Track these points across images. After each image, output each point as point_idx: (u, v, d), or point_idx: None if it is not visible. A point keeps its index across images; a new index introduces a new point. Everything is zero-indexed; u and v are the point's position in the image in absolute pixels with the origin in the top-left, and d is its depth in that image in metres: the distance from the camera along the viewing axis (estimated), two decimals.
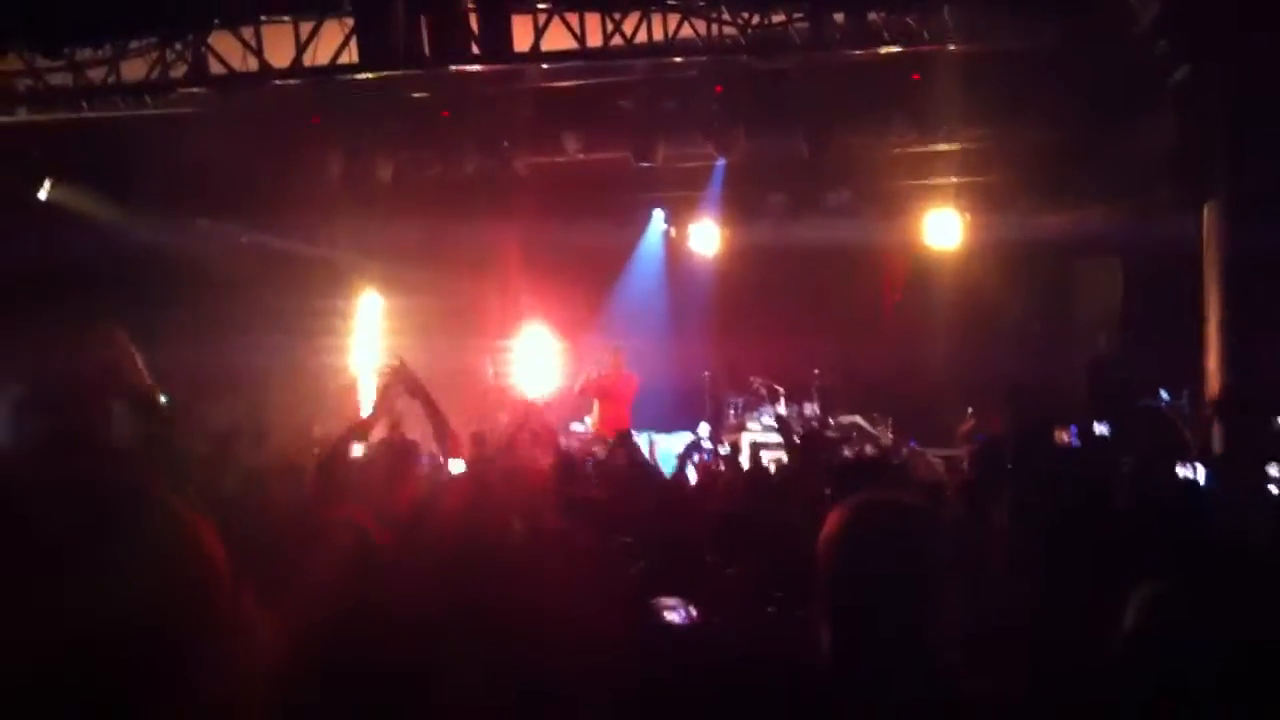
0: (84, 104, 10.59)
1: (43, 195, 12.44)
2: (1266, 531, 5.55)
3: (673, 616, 2.96)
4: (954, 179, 13.12)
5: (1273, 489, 7.19)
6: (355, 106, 11.75)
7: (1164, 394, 11.07)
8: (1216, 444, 7.90)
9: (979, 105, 10.96)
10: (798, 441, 7.71)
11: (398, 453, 5.42)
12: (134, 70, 10.12)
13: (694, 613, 2.98)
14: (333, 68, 9.63)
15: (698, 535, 4.08)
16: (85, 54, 10.05)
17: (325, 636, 2.53)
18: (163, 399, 10.81)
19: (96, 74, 10.15)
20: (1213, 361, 9.58)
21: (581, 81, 11.16)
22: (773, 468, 10.00)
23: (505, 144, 12.28)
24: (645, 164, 12.23)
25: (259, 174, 12.64)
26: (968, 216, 13.52)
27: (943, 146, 12.22)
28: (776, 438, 13.03)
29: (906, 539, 2.46)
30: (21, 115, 10.82)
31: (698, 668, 2.57)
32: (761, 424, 13.72)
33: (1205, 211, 9.79)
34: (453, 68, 9.75)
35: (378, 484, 5.01)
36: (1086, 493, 4.43)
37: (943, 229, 13.62)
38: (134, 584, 1.11)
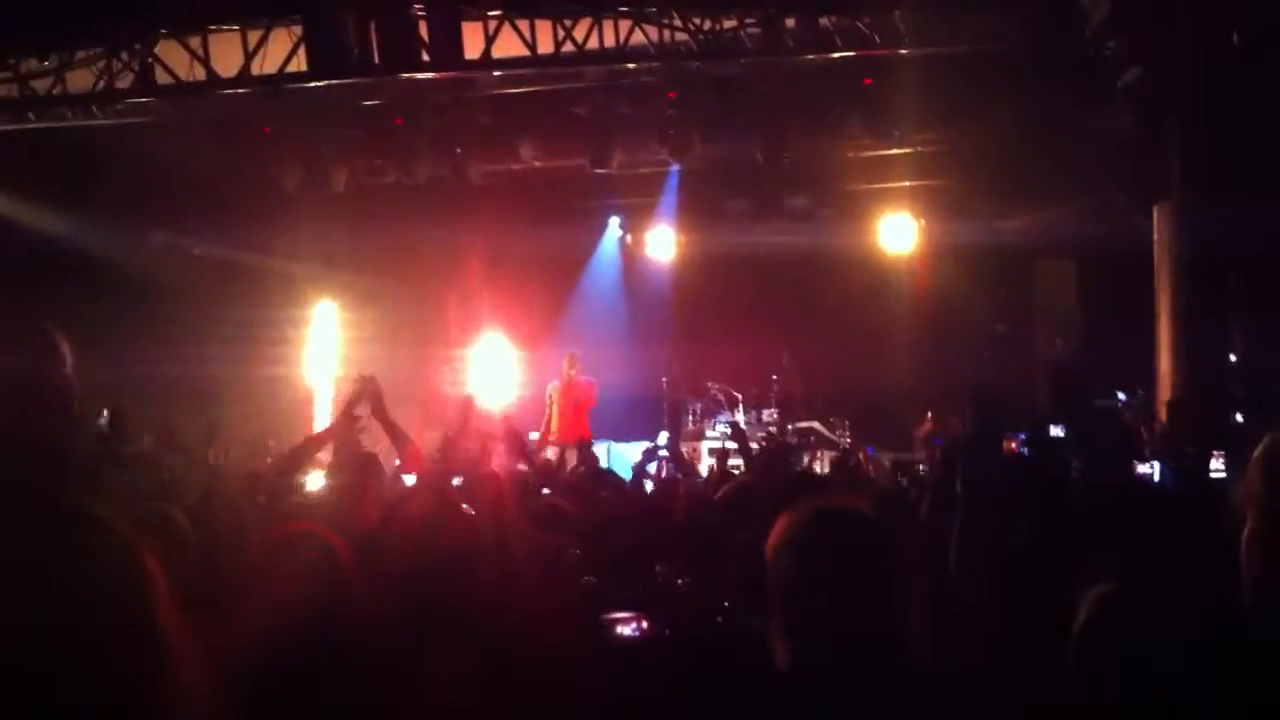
0: (30, 115, 10.44)
1: None
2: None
3: (625, 630, 2.93)
4: (909, 183, 13.17)
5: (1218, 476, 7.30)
6: (307, 115, 11.64)
7: (1120, 394, 11.16)
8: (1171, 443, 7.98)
9: (933, 109, 11.01)
10: (752, 450, 7.70)
11: (360, 466, 5.35)
12: (81, 81, 9.99)
13: (645, 626, 2.95)
14: (281, 76, 9.53)
15: (651, 546, 4.05)
16: (31, 64, 9.90)
17: (289, 648, 2.48)
18: (104, 412, 10.68)
19: (42, 85, 10.01)
20: (1165, 360, 9.66)
21: (535, 88, 11.10)
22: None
23: (459, 151, 12.23)
24: (601, 170, 12.22)
25: (211, 184, 12.53)
26: (923, 221, 13.58)
27: (898, 150, 12.25)
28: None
29: (853, 544, 2.44)
30: None
31: (652, 681, 2.55)
32: (720, 431, 13.70)
33: (1156, 211, 9.87)
34: (403, 75, 9.68)
35: (339, 497, 4.95)
36: (1039, 497, 4.44)
37: (899, 233, 13.67)
38: (68, 605, 1.07)
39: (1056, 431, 9.57)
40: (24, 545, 1.10)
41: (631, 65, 10.40)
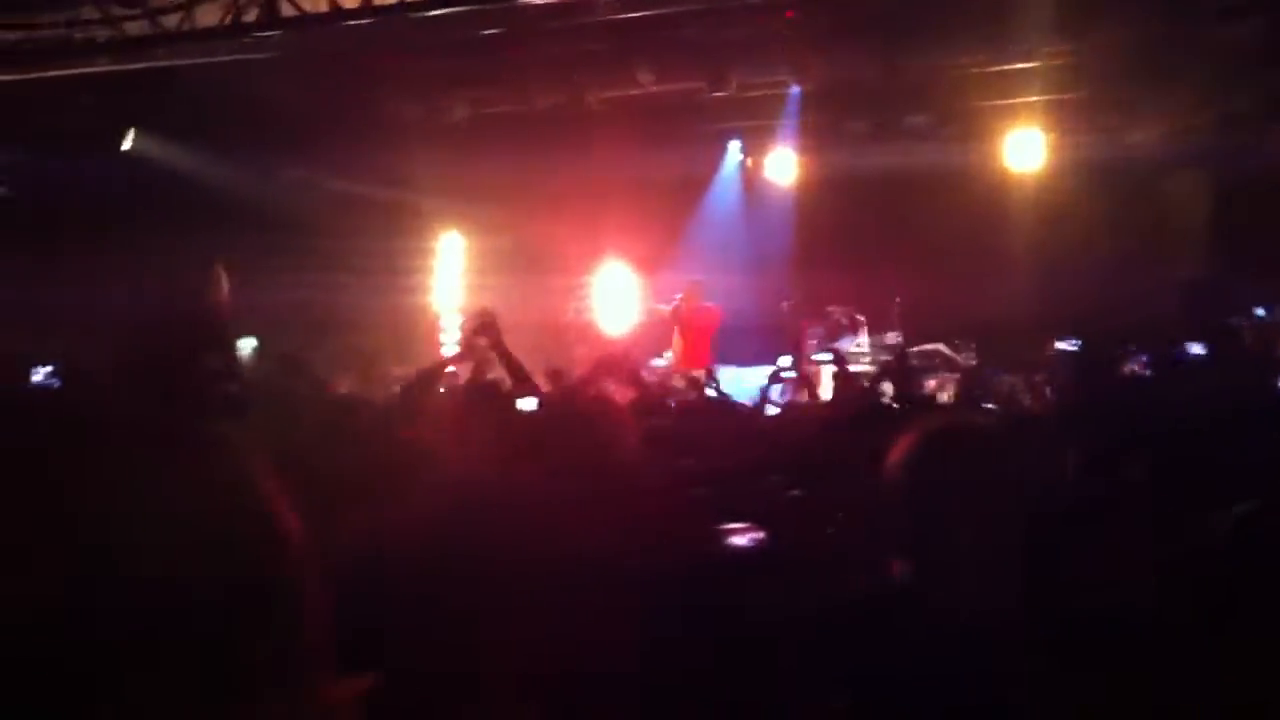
0: (161, 52, 10.70)
1: (127, 145, 12.66)
2: None
3: (739, 541, 2.98)
4: (1035, 98, 12.79)
5: None
6: (427, 45, 11.74)
7: (1259, 310, 10.79)
8: None
9: (1060, 18, 10.66)
10: (853, 375, 7.67)
11: (479, 391, 5.47)
12: (209, 16, 10.20)
13: (760, 536, 3.00)
14: (401, 5, 9.62)
15: (765, 461, 4.07)
16: (160, 1, 10.13)
17: (412, 556, 2.56)
18: (251, 341, 11.05)
19: (171, 20, 10.24)
20: None
21: (651, 11, 11.01)
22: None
23: (576, 78, 12.22)
24: (719, 93, 12.10)
25: (335, 118, 12.75)
26: (1051, 135, 13.19)
27: (1023, 64, 11.89)
28: (864, 363, 13.00)
29: (972, 461, 2.44)
30: (101, 65, 10.97)
31: (766, 590, 2.59)
32: (844, 353, 13.61)
33: None
34: (520, 1, 9.69)
35: (461, 420, 5.06)
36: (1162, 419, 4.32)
37: (1024, 150, 13.31)
38: (187, 528, 1.12)
39: (1194, 349, 9.31)
40: (152, 464, 1.13)
41: None
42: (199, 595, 1.08)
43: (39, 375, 10.97)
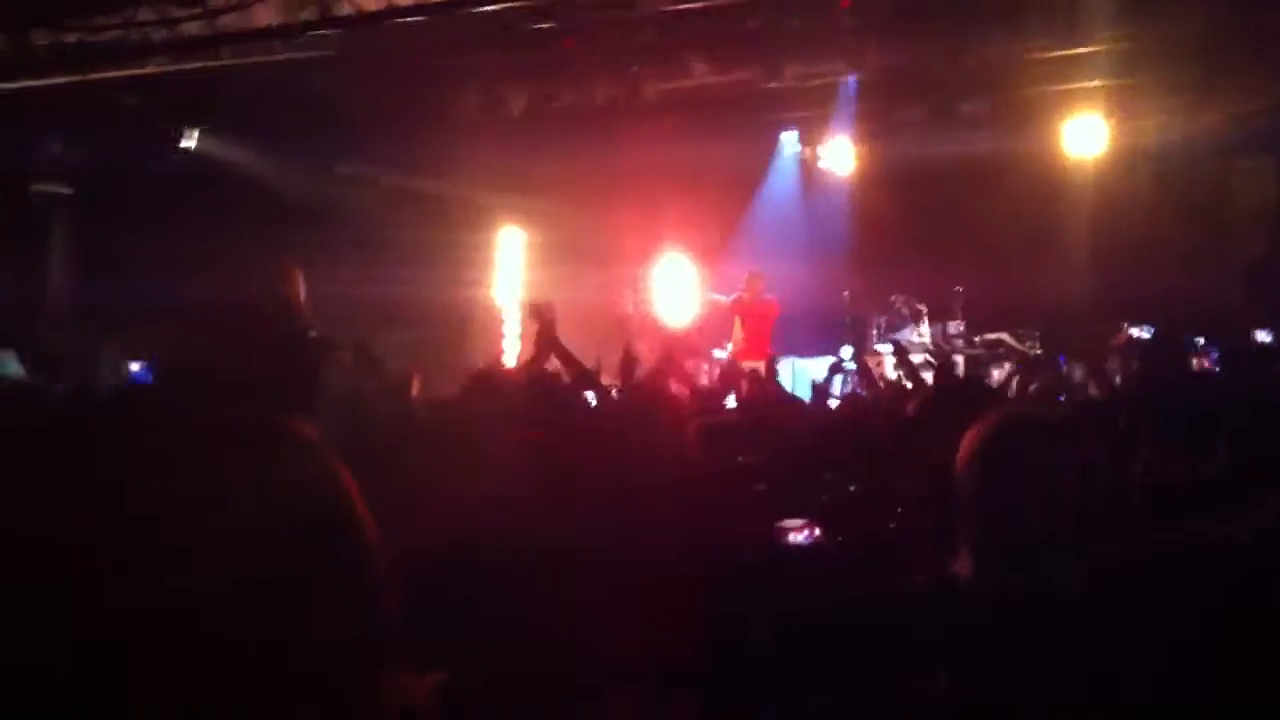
0: (219, 51, 10.83)
1: (188, 144, 12.83)
2: None
3: (797, 538, 2.96)
4: (1096, 83, 12.59)
5: None
6: (483, 40, 11.78)
7: None
8: None
9: (1124, 2, 10.51)
10: (915, 369, 7.62)
11: (539, 384, 5.49)
12: (264, 15, 10.30)
13: (818, 533, 2.98)
14: (457, 2, 9.67)
15: (824, 455, 4.06)
16: (217, 2, 10.25)
17: (479, 547, 2.58)
18: (312, 334, 11.14)
19: (227, 20, 10.35)
20: None
21: (706, 3, 10.99)
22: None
23: (633, 70, 12.21)
24: (775, 84, 12.05)
25: (393, 114, 12.83)
26: (1112, 121, 12.99)
27: (1083, 49, 11.72)
28: (927, 353, 12.91)
29: (1040, 455, 2.43)
30: (158, 65, 11.12)
31: (823, 587, 2.58)
32: (906, 343, 13.53)
33: None
34: None
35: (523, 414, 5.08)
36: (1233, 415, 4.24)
37: (1085, 136, 13.12)
38: (260, 525, 1.13)
39: (1263, 336, 9.12)
40: (225, 457, 1.14)
41: None
42: (275, 590, 1.09)
43: (135, 367, 11.21)
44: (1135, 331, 10.61)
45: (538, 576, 2.51)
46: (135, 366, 11.28)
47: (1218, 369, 7.96)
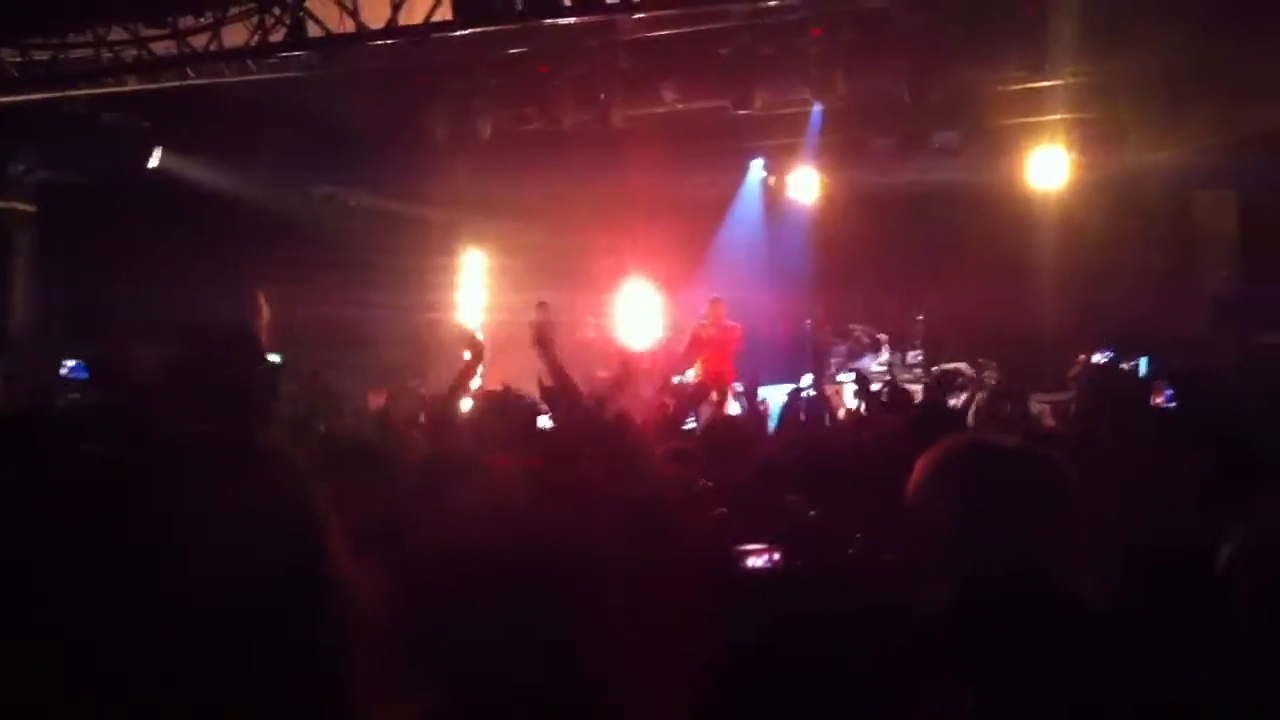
0: (189, 71, 10.81)
1: (153, 163, 12.79)
2: None
3: (756, 562, 2.98)
4: (1061, 115, 12.77)
5: None
6: (454, 65, 11.82)
7: None
8: None
9: (1086, 38, 10.66)
10: (877, 398, 7.67)
11: (510, 406, 5.48)
12: (235, 36, 10.30)
13: (777, 557, 2.99)
14: (427, 26, 9.69)
15: (784, 480, 4.08)
16: (187, 21, 10.25)
17: (453, 577, 2.58)
18: (275, 358, 11.08)
19: (199, 40, 10.35)
20: None
21: (677, 30, 11.06)
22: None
23: (602, 96, 12.26)
24: (744, 111, 12.12)
25: (364, 136, 12.84)
26: (1075, 154, 13.15)
27: (1050, 82, 11.88)
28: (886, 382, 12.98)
29: (997, 478, 2.45)
30: (130, 85, 11.09)
31: (783, 612, 2.59)
32: (866, 372, 13.60)
33: None
34: (546, 21, 9.74)
35: (492, 435, 5.07)
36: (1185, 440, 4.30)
37: (1049, 168, 13.27)
38: (240, 535, 1.14)
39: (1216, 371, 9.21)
40: (202, 477, 1.15)
41: (774, 2, 10.29)
42: (246, 599, 1.10)
43: (65, 369, 11.07)
44: (1096, 357, 10.71)
45: (500, 604, 2.51)
46: (70, 364, 11.17)
47: (1172, 403, 8.04)
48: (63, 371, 11.13)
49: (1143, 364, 11.27)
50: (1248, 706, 2.34)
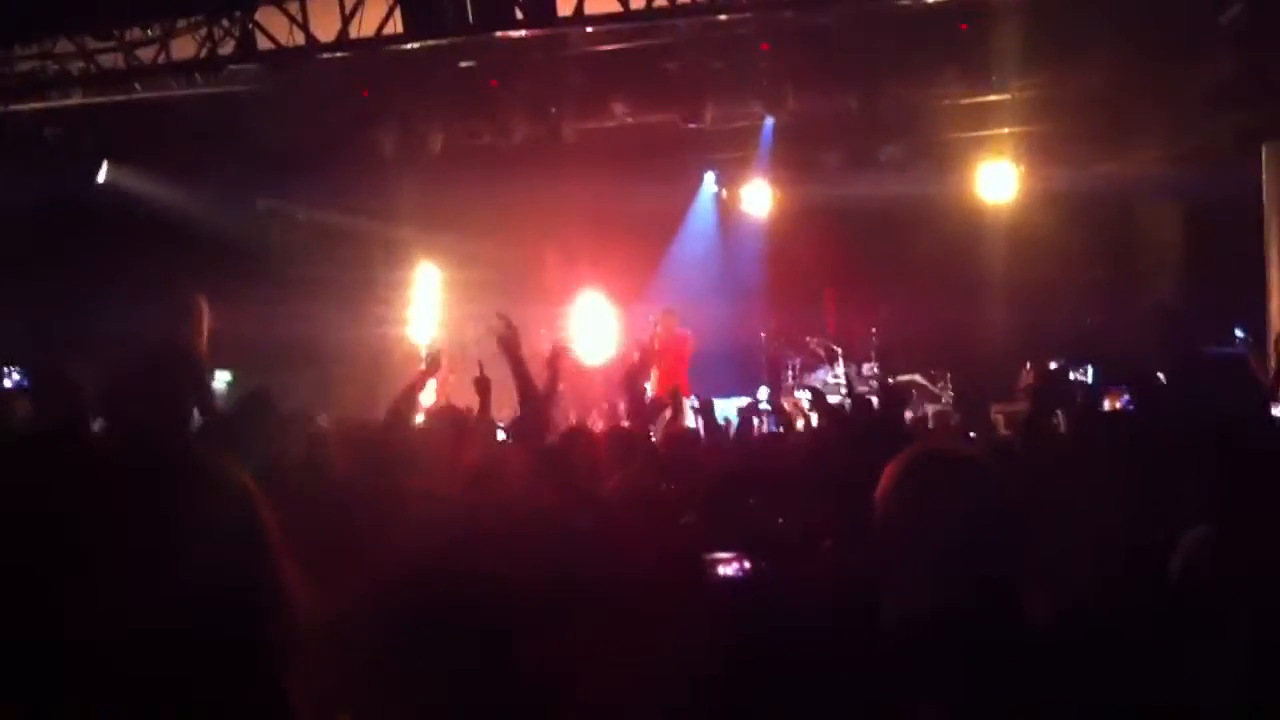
0: (136, 85, 10.70)
1: (101, 178, 12.63)
2: None
3: (727, 571, 2.97)
4: (1007, 129, 12.92)
5: None
6: (404, 79, 11.78)
7: (1239, 332, 10.88)
8: None
9: (1030, 53, 10.80)
10: (834, 411, 7.71)
11: (453, 422, 5.45)
12: (184, 49, 10.21)
13: (747, 566, 2.99)
14: (378, 39, 9.65)
15: (749, 490, 4.08)
16: (135, 34, 10.14)
17: (399, 600, 2.56)
18: (227, 375, 10.98)
19: (146, 54, 10.24)
20: (1276, 302, 9.43)
21: (627, 45, 11.10)
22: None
23: (553, 110, 12.26)
24: (694, 125, 12.17)
25: (313, 149, 12.75)
26: (1022, 167, 13.31)
27: (995, 97, 12.02)
28: (841, 394, 13.04)
29: (960, 486, 2.46)
30: (76, 98, 10.96)
31: (754, 620, 2.59)
32: (821, 384, 13.66)
33: (1265, 150, 9.62)
34: (498, 34, 9.73)
35: (436, 452, 5.04)
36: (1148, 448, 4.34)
37: (997, 181, 13.42)
38: (184, 552, 1.12)
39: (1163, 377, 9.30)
40: (143, 493, 1.14)
41: (724, 17, 10.34)
42: (193, 614, 1.08)
43: (8, 381, 10.90)
44: (1053, 365, 10.83)
45: (465, 619, 2.49)
46: (14, 376, 11.02)
47: (1130, 407, 8.11)
48: (6, 384, 10.97)
49: (1090, 372, 11.42)
50: (1230, 706, 2.36)
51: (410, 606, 2.49)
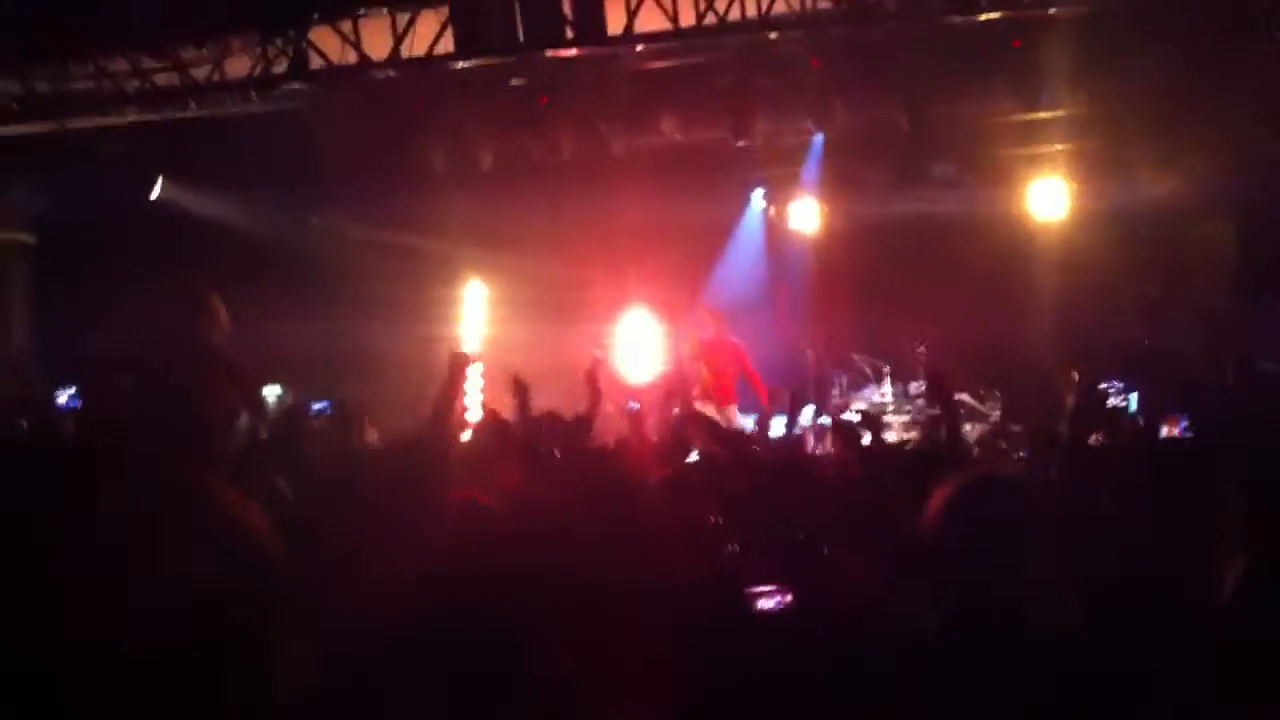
0: (191, 103, 10.85)
1: (155, 195, 12.80)
2: None
3: (766, 604, 2.94)
4: (1059, 146, 12.80)
5: None
6: (455, 96, 11.86)
7: None
8: None
9: (1082, 69, 10.71)
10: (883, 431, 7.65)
11: (497, 433, 5.48)
12: (237, 67, 10.34)
13: (789, 598, 2.96)
14: (429, 58, 9.74)
15: (795, 516, 4.05)
16: (190, 53, 10.29)
17: (436, 609, 2.56)
18: (277, 390, 11.05)
19: (201, 73, 10.38)
20: None
21: (677, 62, 11.11)
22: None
23: (602, 127, 12.30)
24: (743, 142, 12.16)
25: (364, 167, 12.86)
26: (1075, 184, 13.17)
27: (1047, 113, 11.92)
28: (893, 414, 12.95)
29: (1007, 510, 2.44)
30: (131, 115, 11.12)
31: (795, 652, 2.56)
32: (869, 403, 13.57)
33: None
34: (548, 53, 9.79)
35: (481, 462, 5.06)
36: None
37: (1048, 198, 13.28)
38: (185, 572, 1.12)
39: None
40: (145, 512, 1.13)
41: (773, 34, 10.33)
42: (191, 639, 1.08)
43: (63, 396, 11.08)
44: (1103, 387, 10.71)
45: (495, 646, 2.49)
46: (65, 396, 11.19)
47: (1189, 434, 7.99)
48: (59, 401, 11.14)
49: (1133, 400, 11.26)
50: None
51: (440, 615, 2.49)
